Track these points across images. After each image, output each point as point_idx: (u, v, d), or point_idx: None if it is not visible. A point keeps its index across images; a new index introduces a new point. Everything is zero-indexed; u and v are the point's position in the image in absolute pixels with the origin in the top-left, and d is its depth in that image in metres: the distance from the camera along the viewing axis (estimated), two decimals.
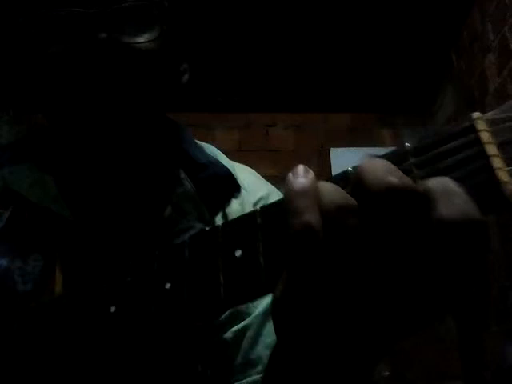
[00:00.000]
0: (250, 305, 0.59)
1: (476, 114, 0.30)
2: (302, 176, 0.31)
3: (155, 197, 0.62)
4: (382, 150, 0.32)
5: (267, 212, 0.34)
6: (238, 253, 0.33)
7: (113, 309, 0.37)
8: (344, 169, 0.33)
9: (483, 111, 0.31)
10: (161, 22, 0.56)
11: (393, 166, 0.30)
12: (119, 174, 0.59)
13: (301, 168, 0.32)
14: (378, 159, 0.30)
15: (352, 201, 0.30)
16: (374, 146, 2.83)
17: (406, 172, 0.30)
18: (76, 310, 0.38)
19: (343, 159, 2.78)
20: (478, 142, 0.29)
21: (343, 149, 2.83)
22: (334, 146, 2.84)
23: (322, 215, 0.29)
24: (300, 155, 2.84)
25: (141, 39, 0.54)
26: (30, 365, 0.40)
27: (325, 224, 0.29)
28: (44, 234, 0.57)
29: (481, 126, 0.30)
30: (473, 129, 0.30)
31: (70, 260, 0.56)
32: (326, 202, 0.30)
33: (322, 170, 2.78)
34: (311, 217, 0.29)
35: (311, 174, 0.31)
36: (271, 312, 0.33)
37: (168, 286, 0.35)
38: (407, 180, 0.29)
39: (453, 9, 2.33)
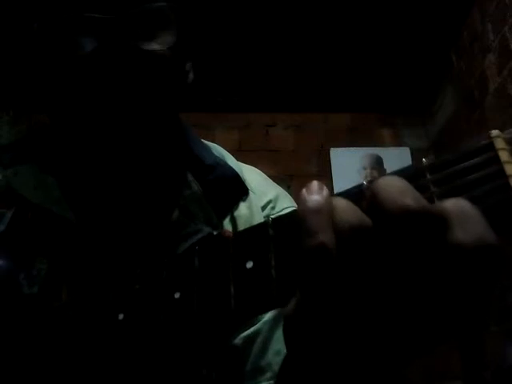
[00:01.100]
0: None
1: (495, 132, 0.30)
2: (316, 193, 0.31)
3: (163, 199, 0.61)
4: (382, 150, 0.32)
5: (279, 223, 0.33)
6: (250, 264, 0.33)
7: (121, 316, 0.36)
8: (344, 169, 0.32)
9: (483, 111, 0.31)
10: (177, 26, 0.55)
11: (409, 186, 0.29)
12: (126, 176, 0.59)
13: (315, 184, 0.31)
14: (394, 177, 0.30)
15: (366, 220, 0.29)
16: (374, 145, 2.83)
17: (423, 189, 0.30)
18: (84, 316, 0.38)
19: (343, 159, 2.78)
20: (497, 160, 0.29)
21: (343, 149, 2.82)
22: (334, 146, 2.84)
23: (336, 234, 0.29)
24: (300, 155, 2.85)
25: (159, 45, 0.53)
26: (36, 369, 0.39)
27: (339, 243, 0.29)
28: (48, 237, 0.57)
29: (499, 144, 0.29)
30: (491, 147, 0.29)
31: (75, 264, 0.56)
32: (340, 222, 0.29)
33: (322, 169, 2.78)
34: (325, 237, 0.29)
35: (325, 191, 0.31)
36: (283, 329, 0.32)
37: (177, 295, 0.34)
38: (423, 202, 0.29)
39: (453, 9, 2.33)
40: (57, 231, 0.57)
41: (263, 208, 0.66)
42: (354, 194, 0.31)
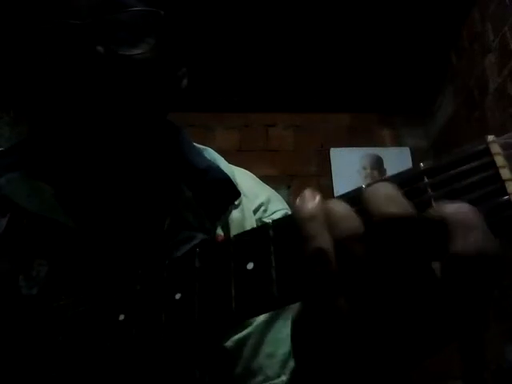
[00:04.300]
0: None
1: (491, 137, 0.30)
2: (308, 201, 0.32)
3: (155, 206, 0.61)
4: (382, 150, 0.32)
5: (279, 225, 0.34)
6: (250, 265, 0.33)
7: (121, 317, 0.37)
8: (344, 169, 0.33)
9: (483, 111, 0.31)
10: (157, 31, 0.55)
11: (396, 193, 0.30)
12: (118, 182, 0.59)
13: (307, 193, 0.32)
14: (384, 184, 0.30)
15: (359, 225, 0.30)
16: (374, 145, 2.83)
17: (421, 192, 0.30)
18: (84, 316, 0.38)
19: (343, 159, 2.78)
20: (493, 165, 0.29)
21: (343, 149, 2.82)
22: (333, 146, 2.84)
23: (333, 237, 0.30)
24: (300, 155, 2.85)
25: (138, 50, 0.53)
26: (36, 370, 0.39)
27: (336, 246, 0.30)
28: (46, 240, 0.57)
29: (495, 149, 0.30)
30: (487, 152, 0.30)
31: (75, 266, 0.56)
32: (335, 225, 0.30)
33: (322, 169, 2.78)
34: (321, 240, 0.30)
35: (318, 198, 0.32)
36: (291, 335, 0.33)
37: (178, 296, 0.35)
38: (408, 209, 0.29)
39: (453, 9, 2.33)
40: (55, 235, 0.57)
41: (255, 211, 0.65)
42: (352, 198, 0.32)
